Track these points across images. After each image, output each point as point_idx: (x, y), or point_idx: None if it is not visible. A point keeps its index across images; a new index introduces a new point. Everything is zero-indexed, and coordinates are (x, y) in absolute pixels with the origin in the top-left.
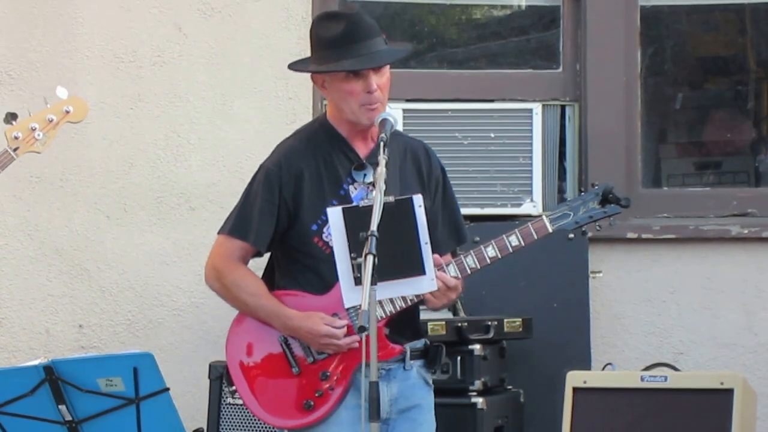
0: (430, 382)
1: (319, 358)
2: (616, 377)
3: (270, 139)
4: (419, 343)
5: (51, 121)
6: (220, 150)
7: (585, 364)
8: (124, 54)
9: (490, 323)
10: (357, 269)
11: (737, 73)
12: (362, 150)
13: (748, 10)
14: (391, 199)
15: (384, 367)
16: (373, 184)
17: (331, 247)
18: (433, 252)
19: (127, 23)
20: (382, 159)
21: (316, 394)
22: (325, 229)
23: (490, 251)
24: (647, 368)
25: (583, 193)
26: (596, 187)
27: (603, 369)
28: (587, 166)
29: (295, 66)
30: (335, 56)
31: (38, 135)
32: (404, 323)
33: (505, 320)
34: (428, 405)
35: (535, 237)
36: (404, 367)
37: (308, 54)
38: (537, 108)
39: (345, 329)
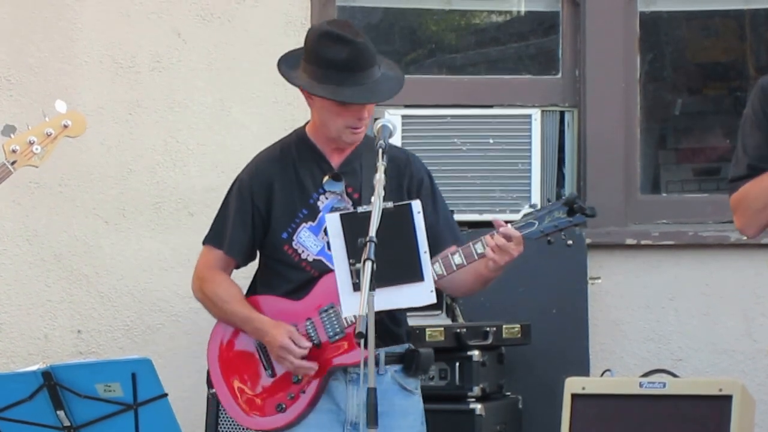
0: (411, 387)
1: None
2: (615, 383)
3: (269, 144)
4: (398, 348)
5: (49, 135)
6: (218, 155)
7: (583, 370)
8: (123, 59)
9: (488, 329)
10: (355, 275)
11: (736, 79)
12: (335, 160)
13: (748, 16)
14: (389, 204)
15: (355, 371)
16: (346, 192)
17: (300, 255)
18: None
19: (126, 29)
20: (381, 165)
21: (288, 397)
22: (295, 237)
23: (457, 258)
24: (646, 374)
25: (549, 203)
26: (562, 197)
27: (602, 375)
28: (586, 172)
29: (288, 75)
30: (335, 80)
31: (36, 149)
32: (380, 327)
33: (504, 326)
34: (403, 411)
35: None
36: (378, 372)
37: None
38: (536, 114)
39: (306, 351)
